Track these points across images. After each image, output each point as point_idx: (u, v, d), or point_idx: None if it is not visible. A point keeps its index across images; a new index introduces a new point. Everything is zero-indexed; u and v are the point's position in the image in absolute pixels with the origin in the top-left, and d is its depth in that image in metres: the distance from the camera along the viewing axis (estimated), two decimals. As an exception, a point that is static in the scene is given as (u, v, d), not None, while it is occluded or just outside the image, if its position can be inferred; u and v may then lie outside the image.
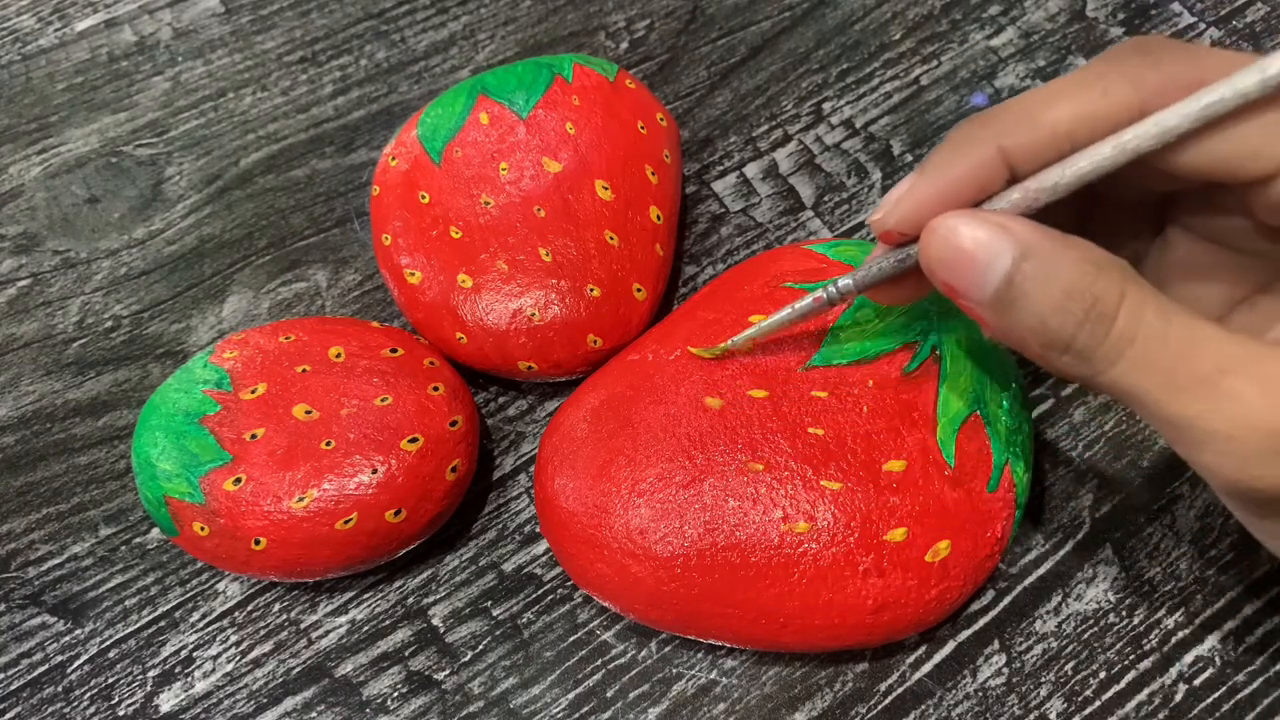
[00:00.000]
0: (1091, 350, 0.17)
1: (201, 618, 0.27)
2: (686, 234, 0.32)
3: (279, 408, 0.25)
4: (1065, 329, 0.17)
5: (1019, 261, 0.17)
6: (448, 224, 0.28)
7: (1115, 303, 0.16)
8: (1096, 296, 0.16)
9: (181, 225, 0.33)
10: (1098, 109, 0.17)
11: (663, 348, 0.26)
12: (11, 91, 0.35)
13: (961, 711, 0.25)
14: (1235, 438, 0.16)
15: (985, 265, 0.17)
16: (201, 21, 0.37)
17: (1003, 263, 0.17)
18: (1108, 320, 0.16)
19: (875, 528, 0.23)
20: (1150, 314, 0.16)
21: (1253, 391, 0.16)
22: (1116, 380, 0.17)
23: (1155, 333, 0.16)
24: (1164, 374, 0.16)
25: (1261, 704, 0.25)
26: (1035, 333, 0.17)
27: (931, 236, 0.18)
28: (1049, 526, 0.27)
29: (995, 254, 0.17)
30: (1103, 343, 0.17)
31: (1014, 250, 0.17)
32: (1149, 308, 0.16)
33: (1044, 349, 0.17)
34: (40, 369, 0.31)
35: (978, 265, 0.17)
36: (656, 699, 0.26)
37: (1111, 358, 0.17)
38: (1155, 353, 0.16)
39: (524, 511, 0.28)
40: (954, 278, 0.18)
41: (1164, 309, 0.16)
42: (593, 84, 0.30)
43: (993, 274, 0.17)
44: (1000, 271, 0.17)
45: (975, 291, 0.17)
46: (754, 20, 0.36)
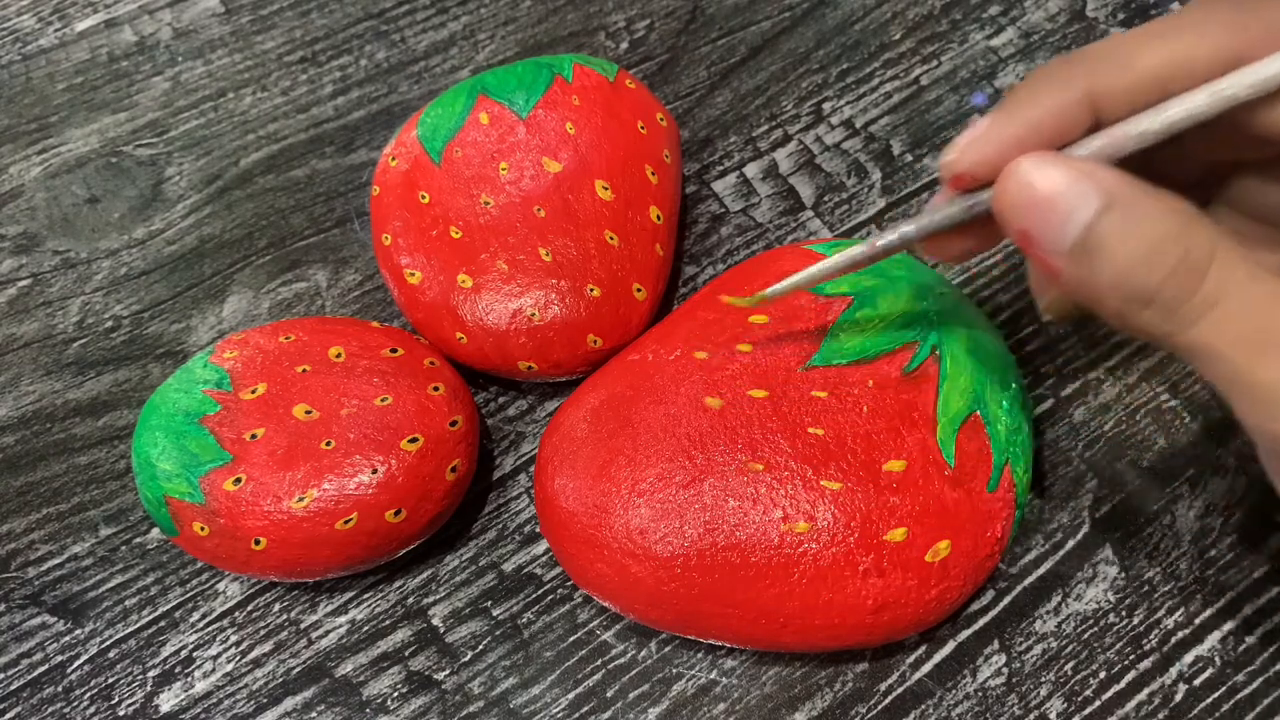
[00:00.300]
0: (1177, 305, 0.16)
1: (201, 618, 0.27)
2: (686, 234, 0.32)
3: (279, 408, 0.25)
4: (1151, 281, 0.16)
5: (1103, 210, 0.16)
6: (448, 224, 0.28)
7: (1207, 257, 0.16)
8: (1188, 249, 0.16)
9: (181, 225, 0.33)
10: (1194, 54, 0.17)
11: (663, 348, 0.26)
12: (11, 91, 0.35)
13: (961, 711, 0.25)
14: None
15: (1067, 212, 0.16)
16: (201, 21, 0.37)
17: (1086, 210, 0.16)
18: (1198, 274, 0.16)
19: (875, 528, 0.23)
20: (1242, 272, 0.16)
21: None
22: (1197, 339, 0.16)
23: (1245, 291, 0.15)
24: (1252, 335, 0.15)
25: (1261, 704, 0.25)
26: (1117, 285, 0.16)
27: (1009, 180, 0.17)
28: (1049, 526, 0.27)
29: (1078, 200, 0.16)
30: (1190, 298, 0.16)
31: (1099, 198, 0.16)
32: (1241, 266, 0.16)
33: (1125, 302, 0.16)
34: (40, 369, 0.31)
35: (1058, 212, 0.16)
36: (656, 699, 0.26)
37: (1196, 315, 0.16)
38: (1243, 312, 0.15)
39: (524, 511, 0.28)
40: (1032, 224, 0.17)
41: (1255, 269, 0.16)
42: (593, 84, 0.30)
43: (1074, 222, 0.16)
44: (1082, 219, 0.16)
45: (1054, 240, 0.16)
46: (754, 20, 0.36)
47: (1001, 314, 0.30)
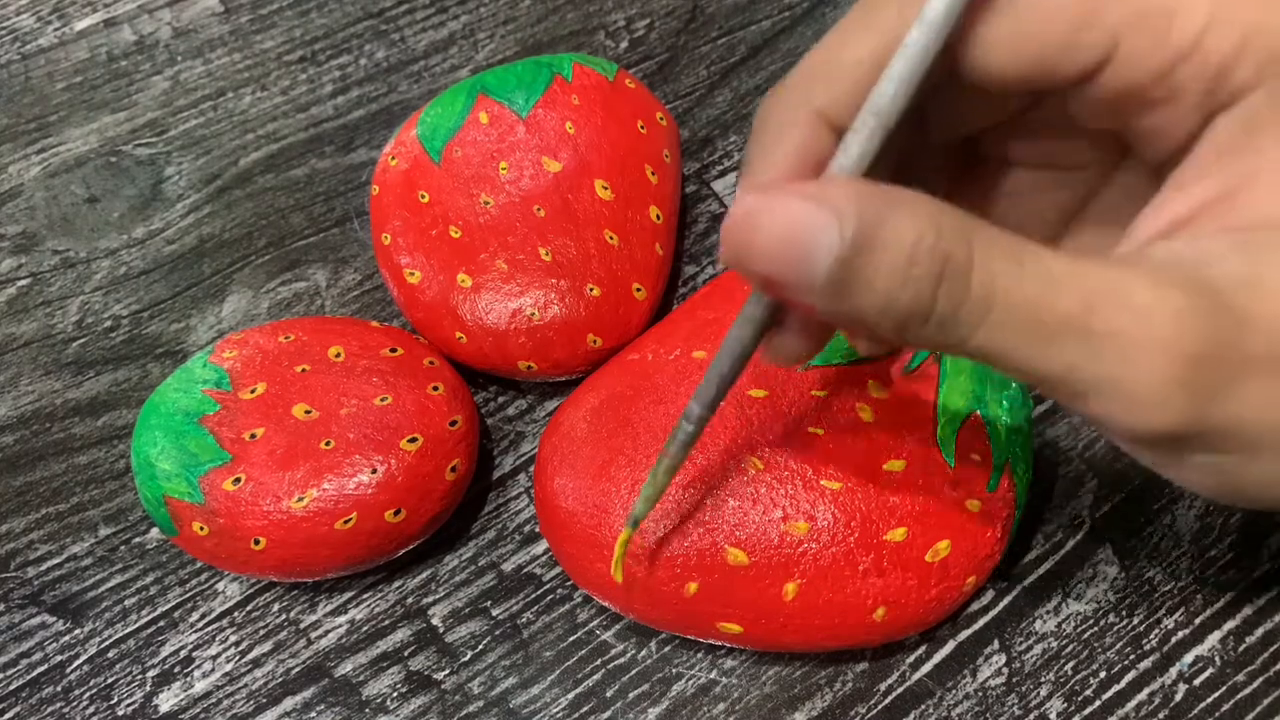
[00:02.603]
0: (953, 315, 0.14)
1: (201, 618, 0.27)
2: (686, 234, 0.32)
3: (278, 407, 0.25)
4: (922, 299, 0.14)
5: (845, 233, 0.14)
6: (447, 223, 0.28)
7: (967, 256, 0.14)
8: (946, 254, 0.14)
9: (181, 225, 0.33)
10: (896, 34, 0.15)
11: (663, 348, 0.26)
12: (11, 91, 0.35)
13: (961, 711, 0.25)
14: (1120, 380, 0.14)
15: (807, 247, 0.14)
16: (201, 21, 0.37)
17: (829, 239, 0.14)
18: (963, 279, 0.14)
19: (875, 528, 0.23)
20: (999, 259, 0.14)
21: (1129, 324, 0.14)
22: (985, 343, 0.14)
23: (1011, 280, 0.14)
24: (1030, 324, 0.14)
25: (1261, 704, 0.25)
26: (884, 311, 0.14)
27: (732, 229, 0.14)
28: (1049, 526, 0.27)
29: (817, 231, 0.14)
30: (963, 303, 0.14)
31: (838, 222, 0.14)
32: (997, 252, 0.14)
33: (899, 327, 0.14)
34: (40, 369, 0.31)
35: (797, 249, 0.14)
36: (656, 699, 0.26)
37: (976, 320, 0.14)
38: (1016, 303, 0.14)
39: (524, 511, 0.28)
40: (773, 269, 0.14)
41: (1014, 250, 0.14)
42: (592, 83, 0.30)
43: (819, 256, 0.14)
44: (829, 250, 0.14)
45: (802, 280, 0.14)
46: (754, 20, 0.36)
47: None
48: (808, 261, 0.14)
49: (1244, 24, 0.14)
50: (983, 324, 0.14)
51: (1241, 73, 0.15)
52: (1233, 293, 0.14)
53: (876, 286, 0.14)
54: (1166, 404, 0.14)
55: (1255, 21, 0.14)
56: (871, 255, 0.14)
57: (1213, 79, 0.15)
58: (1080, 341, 0.14)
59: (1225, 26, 0.14)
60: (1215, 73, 0.15)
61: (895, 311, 0.14)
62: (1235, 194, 0.15)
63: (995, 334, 0.14)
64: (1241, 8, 0.14)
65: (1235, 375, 0.14)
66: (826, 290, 0.14)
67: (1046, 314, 0.14)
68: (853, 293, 0.14)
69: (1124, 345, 0.14)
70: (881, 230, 0.14)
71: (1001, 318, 0.14)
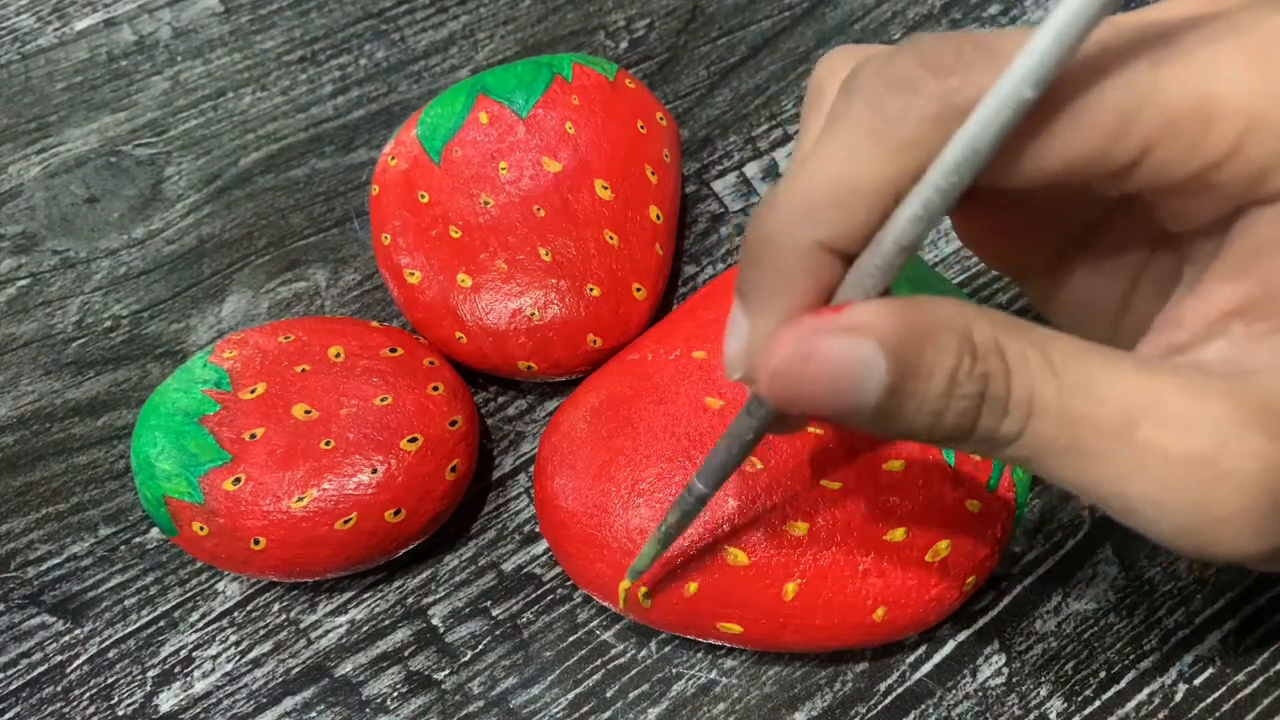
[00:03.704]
0: (994, 431, 0.14)
1: (201, 618, 0.27)
2: (686, 234, 0.32)
3: (278, 407, 0.25)
4: (965, 420, 0.14)
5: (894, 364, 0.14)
6: (447, 223, 0.28)
7: (1003, 376, 0.14)
8: (985, 374, 0.14)
9: (181, 225, 0.33)
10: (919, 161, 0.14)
11: (663, 348, 0.26)
12: (11, 91, 0.35)
13: (961, 711, 0.25)
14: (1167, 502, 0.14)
15: (857, 385, 0.14)
16: (201, 21, 0.37)
17: (876, 373, 0.14)
18: (1003, 395, 0.14)
19: (875, 528, 0.23)
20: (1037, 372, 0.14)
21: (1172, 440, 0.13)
22: (1023, 453, 0.14)
23: (1052, 393, 0.14)
24: (1070, 440, 0.14)
25: (1261, 704, 0.25)
26: (930, 432, 0.15)
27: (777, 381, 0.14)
28: (1049, 526, 0.27)
29: (864, 368, 0.14)
30: (1002, 421, 0.14)
31: (883, 354, 0.14)
32: (1032, 363, 0.14)
33: (944, 442, 0.15)
34: (39, 369, 0.31)
35: (847, 388, 0.14)
36: (656, 699, 0.26)
37: (1013, 433, 0.14)
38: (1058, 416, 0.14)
39: (524, 511, 0.28)
40: (823, 410, 0.14)
41: (1048, 357, 0.14)
42: (592, 83, 0.30)
43: (869, 388, 0.14)
44: (876, 385, 0.14)
45: (854, 413, 0.14)
46: (754, 20, 0.36)
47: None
48: (857, 397, 0.14)
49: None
50: (1022, 435, 0.14)
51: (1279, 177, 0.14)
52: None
53: (922, 410, 0.14)
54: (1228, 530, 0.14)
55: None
56: (916, 383, 0.14)
57: (1251, 180, 0.14)
58: (1122, 457, 0.14)
59: (1265, 135, 0.14)
60: (1255, 175, 0.14)
61: (941, 431, 0.14)
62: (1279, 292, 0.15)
63: (1034, 445, 0.14)
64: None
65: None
66: (875, 419, 0.14)
67: (1085, 428, 0.14)
68: (900, 417, 0.14)
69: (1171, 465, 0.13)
70: (923, 357, 0.14)
71: (1040, 431, 0.14)
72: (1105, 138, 0.14)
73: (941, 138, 0.14)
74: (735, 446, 0.18)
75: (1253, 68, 0.14)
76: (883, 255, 0.14)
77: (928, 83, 0.14)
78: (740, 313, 0.16)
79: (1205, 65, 0.14)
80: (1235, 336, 0.15)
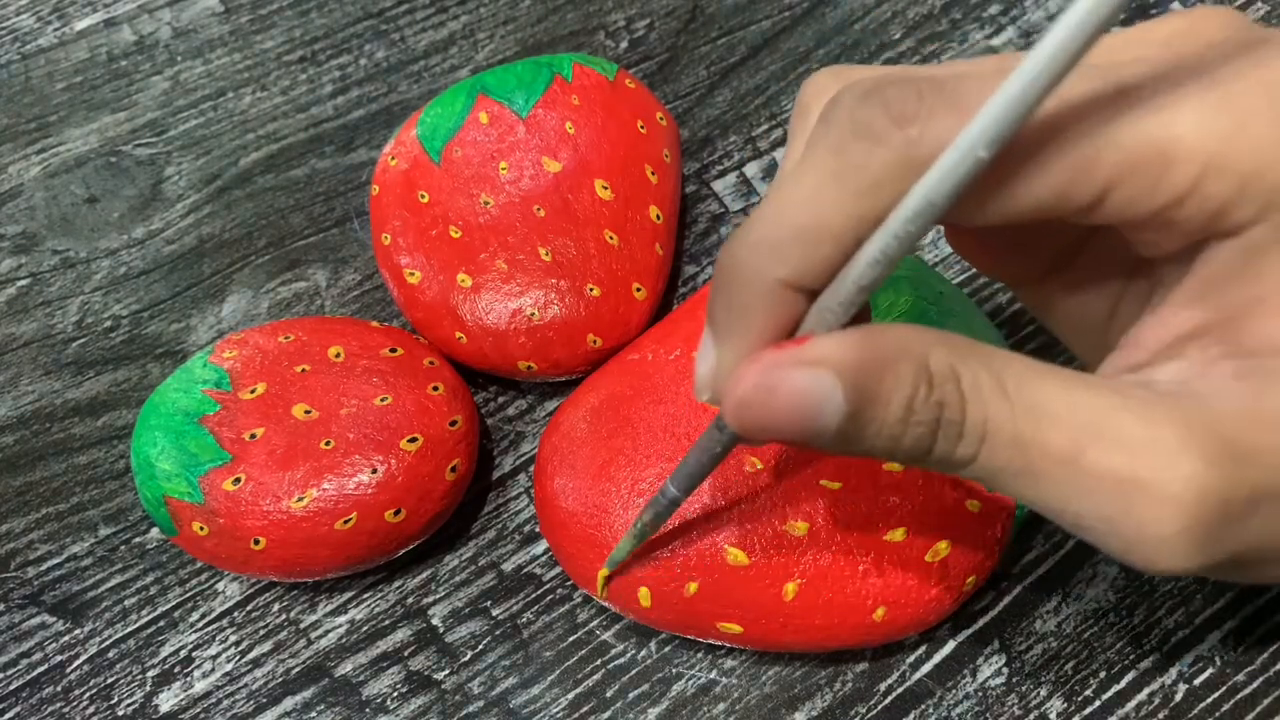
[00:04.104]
0: (951, 453, 0.15)
1: (201, 618, 0.27)
2: (686, 234, 0.32)
3: (278, 407, 0.25)
4: (921, 444, 0.15)
5: (851, 395, 0.14)
6: (447, 223, 0.28)
7: (958, 402, 0.15)
8: (940, 402, 0.15)
9: (181, 225, 0.33)
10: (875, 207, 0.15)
11: (663, 348, 0.26)
12: (11, 91, 0.35)
13: (961, 711, 0.25)
14: (1115, 522, 0.14)
15: (816, 414, 0.15)
16: (201, 21, 0.37)
17: (834, 405, 0.15)
18: (957, 421, 0.15)
19: (875, 528, 0.23)
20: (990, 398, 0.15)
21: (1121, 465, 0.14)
22: (980, 473, 0.15)
23: (1005, 417, 0.15)
24: (1022, 463, 0.15)
25: (1261, 704, 0.25)
26: (891, 453, 0.15)
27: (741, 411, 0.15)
28: (1049, 526, 0.27)
29: (822, 399, 0.15)
30: (959, 442, 0.15)
31: (840, 384, 0.14)
32: (985, 389, 0.15)
33: (905, 463, 0.16)
34: (39, 369, 0.31)
35: (808, 417, 0.15)
36: (656, 699, 0.26)
37: (970, 453, 0.15)
38: (1010, 439, 0.15)
39: (524, 511, 0.28)
40: (786, 436, 0.15)
41: (1000, 383, 0.15)
42: (592, 83, 0.30)
43: (827, 418, 0.15)
44: (835, 413, 0.15)
45: (815, 440, 0.15)
46: (754, 20, 0.36)
47: (1002, 314, 0.30)
48: (817, 425, 0.15)
49: (1241, 173, 0.14)
50: (977, 458, 0.15)
51: (1240, 214, 0.15)
52: (1234, 426, 0.14)
53: (881, 435, 0.15)
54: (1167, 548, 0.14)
55: (1253, 169, 0.14)
56: (874, 411, 0.15)
57: (1211, 216, 0.15)
58: (1072, 479, 0.14)
59: (1223, 174, 0.14)
60: (1215, 212, 0.15)
61: (900, 453, 0.15)
62: (1237, 320, 0.15)
63: (989, 466, 0.15)
64: (1238, 157, 0.14)
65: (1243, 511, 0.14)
66: (836, 443, 0.15)
67: (1035, 451, 0.14)
68: (860, 441, 0.15)
69: (1116, 487, 0.14)
70: (880, 388, 0.15)
71: (994, 453, 0.15)
72: (1066, 182, 0.15)
73: (901, 183, 0.14)
74: (705, 457, 0.19)
75: (1210, 111, 0.14)
76: (844, 294, 0.15)
77: (890, 132, 0.14)
78: (709, 338, 0.17)
79: (1164, 110, 0.14)
80: (1190, 359, 0.16)
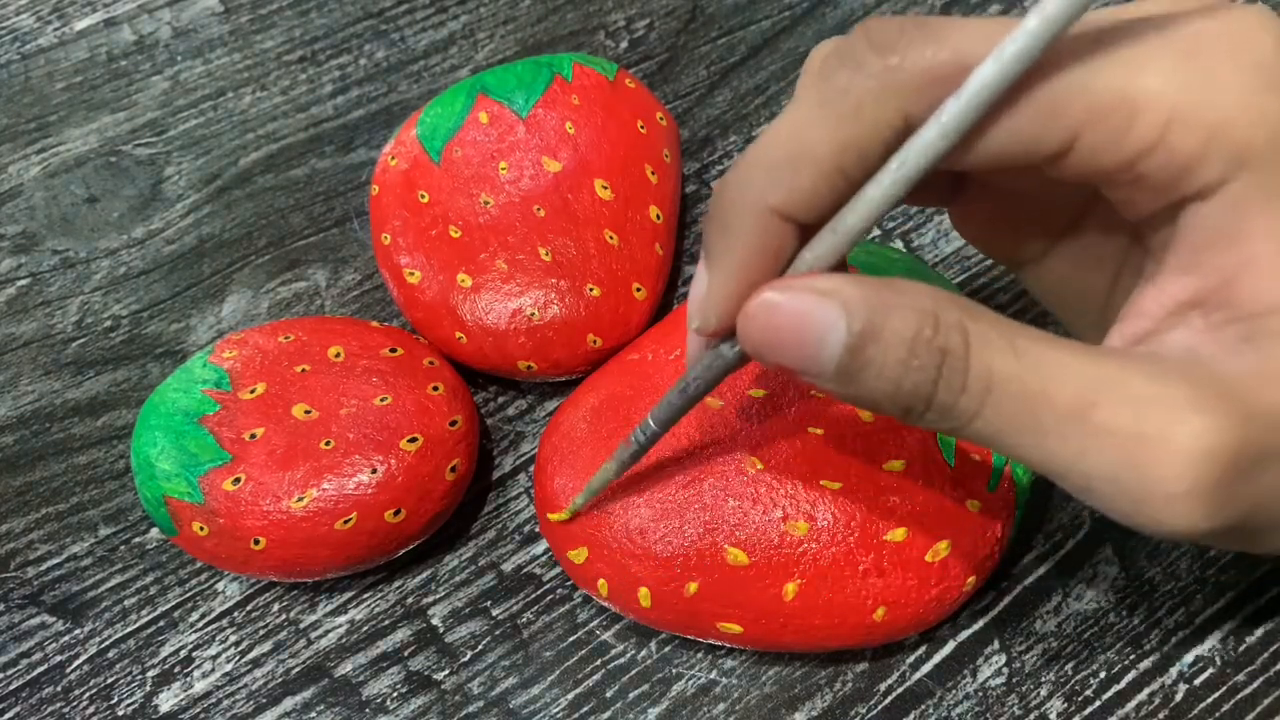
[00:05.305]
0: (952, 404, 0.15)
1: (201, 618, 0.27)
2: (686, 234, 0.32)
3: (278, 407, 0.25)
4: (922, 389, 0.15)
5: (851, 327, 0.15)
6: (447, 223, 0.28)
7: (962, 347, 0.15)
8: (943, 346, 0.15)
9: (181, 225, 0.33)
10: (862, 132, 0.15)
11: (662, 348, 0.26)
12: (10, 91, 0.35)
13: (961, 711, 0.25)
14: (1122, 480, 0.14)
15: (819, 339, 0.15)
16: (201, 21, 0.37)
17: (837, 332, 0.15)
18: (960, 369, 0.15)
19: (875, 528, 0.23)
20: (997, 352, 0.15)
21: (1130, 421, 0.14)
22: (983, 430, 0.15)
23: (1011, 371, 0.15)
24: (1027, 416, 0.15)
25: (1262, 704, 0.25)
26: (891, 398, 0.15)
27: (750, 323, 0.16)
28: (1049, 526, 0.27)
29: (826, 326, 0.15)
30: (961, 393, 0.15)
31: (845, 315, 0.15)
32: (993, 344, 0.15)
33: (904, 413, 0.16)
34: (39, 369, 0.31)
35: (809, 341, 0.15)
36: (656, 699, 0.26)
37: (974, 408, 0.15)
38: (1016, 393, 0.15)
39: (524, 511, 0.28)
40: (788, 359, 0.16)
41: (1010, 340, 0.15)
42: (592, 83, 0.30)
43: (829, 346, 0.15)
44: (837, 342, 0.15)
45: (815, 369, 0.15)
46: (754, 20, 0.36)
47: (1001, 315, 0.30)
48: (819, 352, 0.15)
49: (1208, 124, 0.14)
50: (980, 414, 0.15)
51: (1208, 171, 0.15)
52: (1243, 386, 0.14)
53: (882, 376, 0.15)
54: (1175, 506, 0.14)
55: (1218, 122, 0.14)
56: (876, 348, 0.15)
57: (1178, 173, 0.15)
58: (1079, 436, 0.14)
59: (1189, 126, 0.14)
60: (1181, 168, 0.15)
61: (899, 399, 0.15)
62: (1231, 283, 0.15)
63: (993, 422, 0.15)
64: (1204, 109, 0.14)
65: (1253, 470, 0.14)
66: (836, 377, 0.15)
67: (1043, 406, 0.14)
68: (860, 380, 0.15)
69: (1125, 443, 0.14)
70: (885, 324, 0.15)
71: (999, 407, 0.15)
72: (1036, 125, 0.15)
73: (881, 109, 0.15)
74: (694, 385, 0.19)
75: (1176, 66, 0.14)
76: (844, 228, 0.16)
77: (871, 60, 0.15)
78: (702, 267, 0.17)
79: (1132, 61, 0.15)
80: (1194, 327, 0.16)
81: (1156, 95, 0.14)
